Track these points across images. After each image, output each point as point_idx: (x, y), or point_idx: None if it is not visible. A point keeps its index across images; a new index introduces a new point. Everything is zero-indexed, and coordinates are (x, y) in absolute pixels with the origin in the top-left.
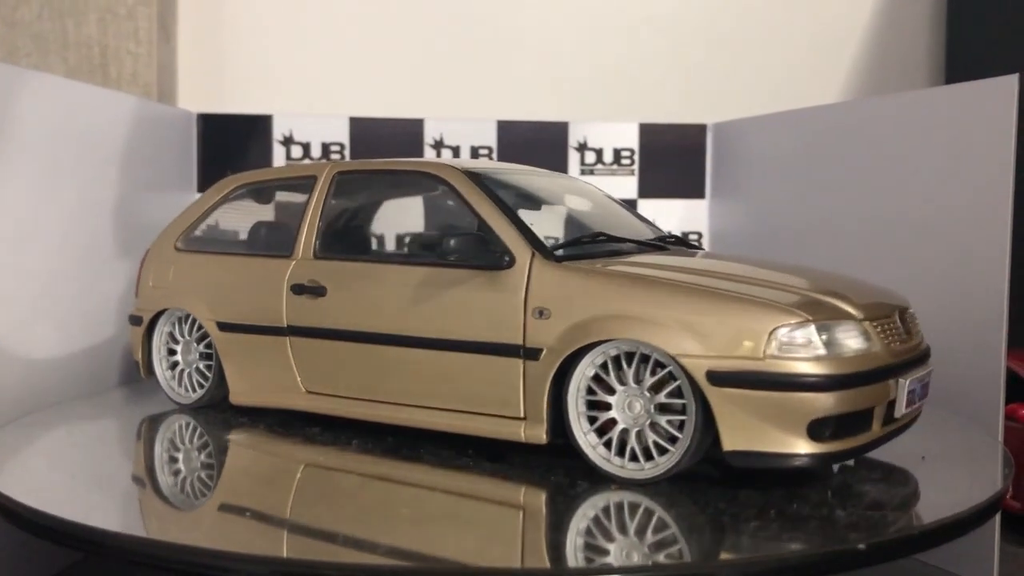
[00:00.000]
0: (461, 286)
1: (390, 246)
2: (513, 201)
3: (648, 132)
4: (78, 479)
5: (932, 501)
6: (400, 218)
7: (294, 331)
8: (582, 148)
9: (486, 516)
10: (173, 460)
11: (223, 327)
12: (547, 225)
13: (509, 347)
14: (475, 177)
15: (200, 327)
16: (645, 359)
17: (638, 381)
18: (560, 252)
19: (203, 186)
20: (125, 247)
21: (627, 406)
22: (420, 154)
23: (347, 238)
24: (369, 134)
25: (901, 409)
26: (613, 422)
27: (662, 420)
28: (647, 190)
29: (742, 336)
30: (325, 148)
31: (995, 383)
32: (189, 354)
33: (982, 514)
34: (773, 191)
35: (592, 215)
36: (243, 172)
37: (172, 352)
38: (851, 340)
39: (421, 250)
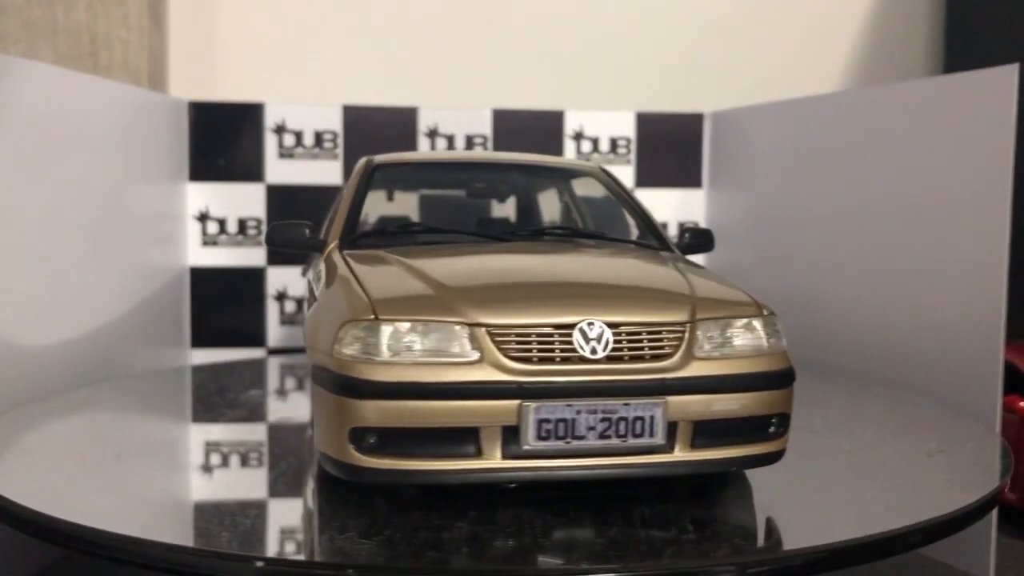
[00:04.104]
0: (312, 269)
1: None
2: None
3: (645, 121)
4: (67, 474)
5: (931, 495)
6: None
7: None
8: (578, 137)
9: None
10: (165, 455)
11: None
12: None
13: None
14: (375, 168)
15: None
16: None
17: None
18: (357, 242)
19: (195, 174)
20: (117, 235)
21: None
22: (414, 143)
23: None
24: (363, 123)
25: (528, 440)
26: None
27: None
28: (644, 179)
29: (331, 331)
30: (318, 137)
31: (993, 375)
32: None
33: (981, 508)
34: (770, 181)
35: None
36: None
37: None
38: (432, 346)
39: None
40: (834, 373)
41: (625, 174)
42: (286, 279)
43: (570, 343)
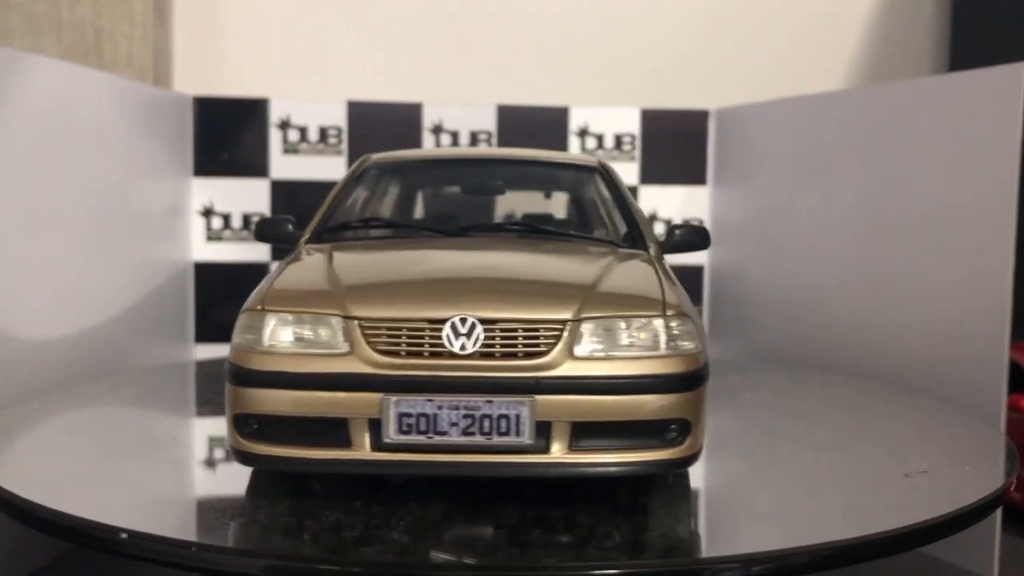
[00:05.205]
0: None
1: None
2: (423, 190)
3: (650, 117)
4: (71, 468)
5: (935, 494)
6: None
7: None
8: (583, 133)
9: None
10: (169, 450)
11: None
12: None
13: None
14: (366, 167)
15: None
16: None
17: None
18: (323, 236)
19: (199, 170)
20: (121, 230)
21: None
22: (419, 139)
23: None
24: (367, 119)
25: (390, 434)
26: None
27: None
28: (648, 176)
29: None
30: (323, 132)
31: (998, 374)
32: None
33: (986, 508)
34: (775, 178)
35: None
36: None
37: None
38: (308, 337)
39: None
40: (840, 374)
41: (630, 171)
42: None
43: (439, 338)
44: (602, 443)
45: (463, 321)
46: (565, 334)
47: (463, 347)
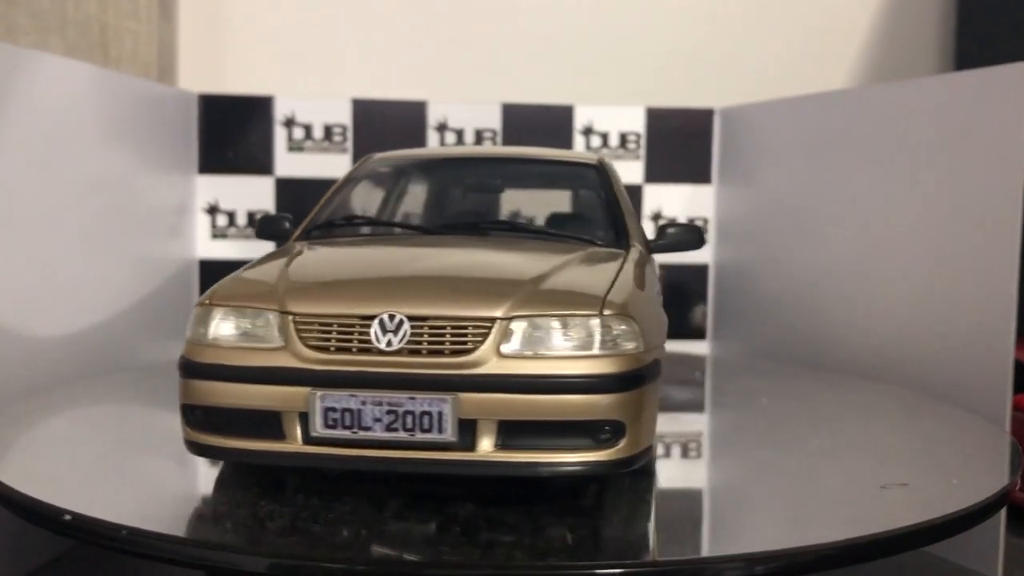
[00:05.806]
0: None
1: None
2: (429, 189)
3: (655, 116)
4: (75, 465)
5: (939, 493)
6: None
7: None
8: (588, 132)
9: None
10: (172, 448)
11: None
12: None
13: None
14: (371, 165)
15: None
16: None
17: None
18: (313, 233)
19: (204, 167)
20: (125, 228)
21: None
22: (423, 137)
23: None
24: (372, 116)
25: (316, 428)
26: None
27: None
28: (653, 175)
29: None
30: (327, 130)
31: (1003, 374)
32: None
33: (989, 507)
34: (780, 177)
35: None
36: None
37: None
38: (247, 331)
39: None
40: (846, 375)
41: (634, 169)
42: None
43: (368, 335)
44: (532, 442)
45: (391, 318)
46: (493, 332)
47: (389, 343)
